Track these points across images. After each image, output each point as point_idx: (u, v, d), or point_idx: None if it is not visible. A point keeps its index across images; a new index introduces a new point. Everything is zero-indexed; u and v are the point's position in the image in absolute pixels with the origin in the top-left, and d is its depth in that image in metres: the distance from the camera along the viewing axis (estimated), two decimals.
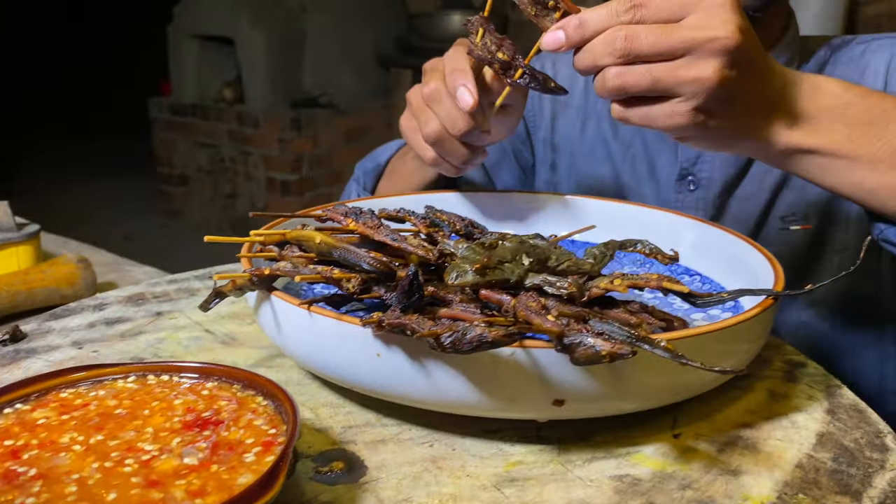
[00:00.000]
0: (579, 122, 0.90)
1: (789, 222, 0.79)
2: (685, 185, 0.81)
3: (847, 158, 0.56)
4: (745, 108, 0.54)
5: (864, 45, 0.78)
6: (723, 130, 0.54)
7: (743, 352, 0.50)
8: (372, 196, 0.89)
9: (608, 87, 0.51)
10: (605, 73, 0.51)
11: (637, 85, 0.50)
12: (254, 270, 0.49)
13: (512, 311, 0.42)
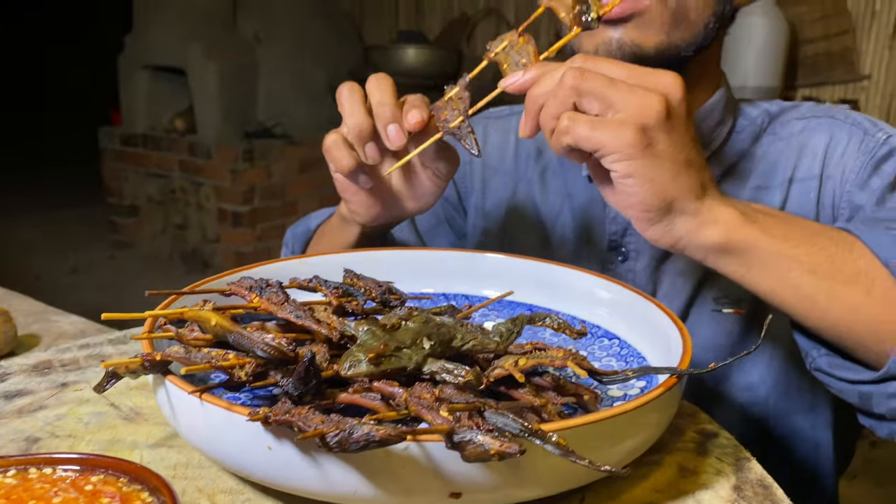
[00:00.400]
0: (510, 189, 0.90)
1: (722, 304, 0.77)
2: (614, 256, 0.81)
3: (785, 256, 0.55)
4: (685, 157, 0.53)
5: (804, 121, 0.78)
6: (665, 164, 0.52)
7: (652, 426, 0.50)
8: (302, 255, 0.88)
9: (565, 84, 0.53)
10: (565, 74, 0.53)
11: (592, 88, 0.52)
12: (145, 356, 0.47)
13: (404, 404, 0.41)
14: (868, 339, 0.56)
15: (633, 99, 0.52)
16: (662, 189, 0.53)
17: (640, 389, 0.57)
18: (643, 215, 0.54)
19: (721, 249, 0.56)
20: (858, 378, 0.57)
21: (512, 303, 0.72)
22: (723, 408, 0.79)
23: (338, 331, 0.48)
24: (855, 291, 0.55)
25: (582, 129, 0.52)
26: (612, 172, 0.53)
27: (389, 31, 4.18)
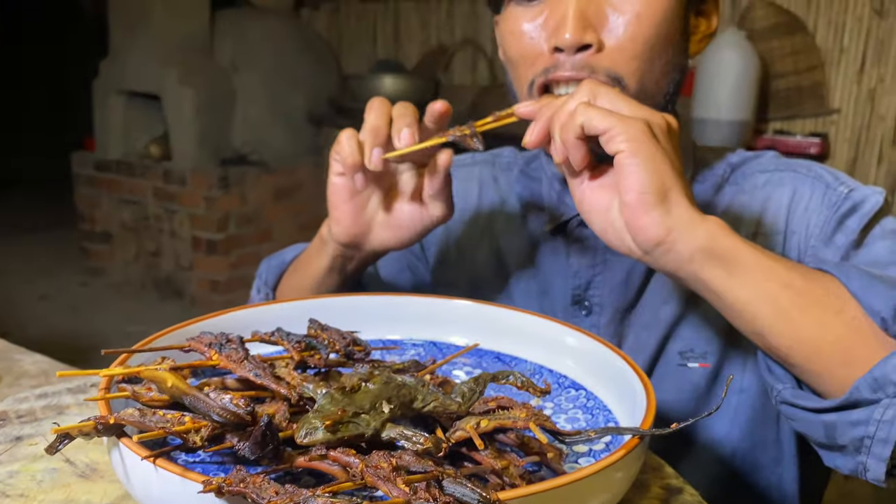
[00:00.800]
0: (473, 238, 0.90)
1: (687, 359, 0.77)
2: (578, 310, 0.81)
3: (764, 267, 0.56)
4: (679, 166, 0.58)
5: (767, 175, 0.78)
6: (666, 157, 0.56)
7: (615, 485, 0.50)
8: (271, 295, 0.88)
9: (582, 90, 0.59)
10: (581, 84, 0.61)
11: (606, 94, 0.59)
12: (99, 419, 0.46)
13: (360, 474, 0.41)
14: (835, 361, 0.56)
15: (640, 110, 0.58)
16: (662, 175, 0.55)
17: (606, 444, 0.57)
18: (642, 197, 0.55)
19: (708, 251, 0.56)
20: (822, 406, 0.57)
21: (479, 350, 0.71)
22: (689, 463, 0.79)
23: (297, 392, 0.48)
24: (826, 309, 0.56)
25: (595, 112, 0.56)
26: (619, 154, 0.56)
27: (367, 59, 4.20)
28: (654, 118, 0.58)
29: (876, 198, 0.72)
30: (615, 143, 0.55)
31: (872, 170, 2.89)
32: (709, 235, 0.56)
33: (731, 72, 2.66)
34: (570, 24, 0.67)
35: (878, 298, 0.55)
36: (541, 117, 0.61)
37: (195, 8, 3.64)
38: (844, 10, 2.85)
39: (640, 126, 0.55)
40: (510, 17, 0.74)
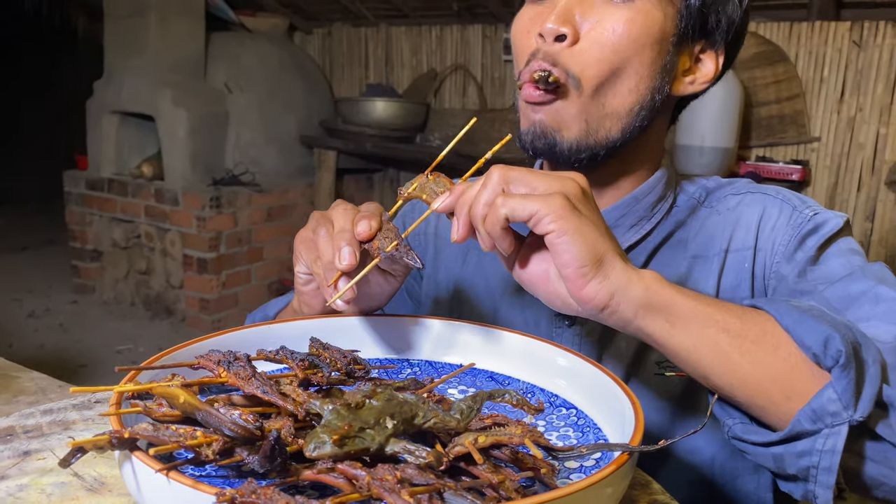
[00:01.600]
0: (460, 259, 0.93)
1: (664, 368, 0.80)
2: (561, 320, 0.84)
3: (702, 314, 0.59)
4: (604, 227, 0.59)
5: (739, 197, 0.83)
6: (591, 224, 0.57)
7: (605, 500, 0.52)
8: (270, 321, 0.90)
9: (493, 178, 0.59)
10: (491, 170, 0.60)
11: (518, 177, 0.59)
12: (113, 433, 0.48)
13: (366, 486, 0.43)
14: (777, 397, 0.59)
15: (552, 182, 0.59)
16: (594, 244, 0.57)
17: (596, 461, 0.59)
18: (580, 271, 0.57)
19: (648, 305, 0.59)
20: (768, 440, 0.60)
21: (474, 370, 0.74)
22: (669, 470, 0.81)
23: (303, 408, 0.50)
24: (763, 349, 0.59)
25: (516, 201, 0.57)
26: (548, 235, 0.57)
27: (359, 83, 4.26)
28: (568, 188, 0.58)
29: (836, 220, 0.76)
30: (542, 225, 0.56)
31: (852, 196, 2.95)
32: (647, 291, 0.59)
33: (714, 100, 2.72)
34: (555, 14, 0.73)
35: (809, 334, 0.57)
36: (460, 212, 0.61)
37: (190, 31, 3.69)
38: (825, 42, 2.92)
39: (560, 202, 0.56)
40: (521, 13, 0.80)
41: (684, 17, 0.75)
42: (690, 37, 0.77)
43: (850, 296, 0.71)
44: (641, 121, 0.77)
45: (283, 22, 4.24)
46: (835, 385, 0.55)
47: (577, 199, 0.58)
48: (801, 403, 0.57)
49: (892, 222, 2.88)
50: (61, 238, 4.20)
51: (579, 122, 0.75)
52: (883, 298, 0.68)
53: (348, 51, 4.29)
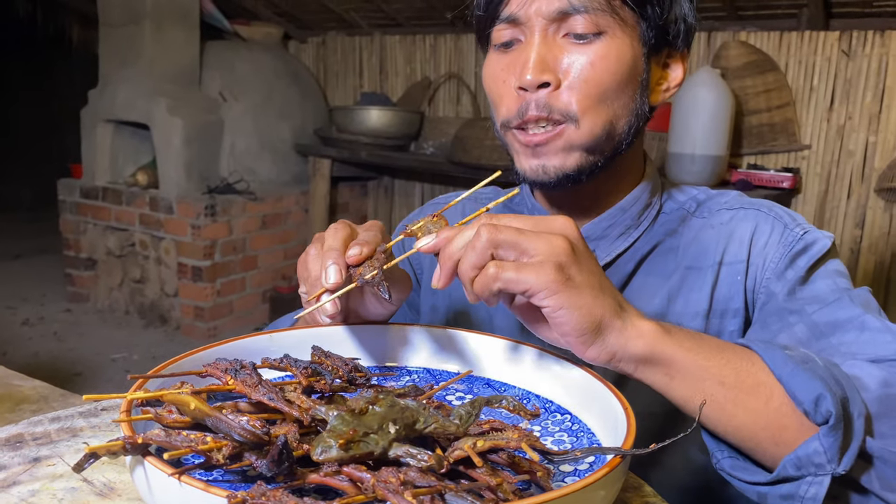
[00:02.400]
0: None
1: None
2: None
3: (699, 367, 0.61)
4: (598, 282, 0.60)
5: (733, 212, 0.85)
6: (585, 291, 0.58)
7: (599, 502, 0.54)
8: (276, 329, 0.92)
9: (482, 238, 0.58)
10: (480, 228, 0.58)
11: (506, 239, 0.58)
12: (127, 439, 0.50)
13: (371, 488, 0.45)
14: (766, 443, 0.63)
15: (540, 243, 0.58)
16: (590, 312, 0.59)
17: (590, 465, 0.61)
18: (580, 339, 0.60)
19: (647, 360, 0.62)
20: (755, 480, 0.64)
21: (471, 377, 0.76)
22: (662, 475, 0.83)
23: (308, 414, 0.52)
24: (756, 400, 0.62)
25: (510, 273, 0.57)
26: (545, 308, 0.58)
27: (353, 92, 4.28)
28: (558, 251, 0.58)
29: (825, 241, 0.80)
30: (537, 300, 0.58)
31: (842, 203, 2.99)
32: (647, 347, 0.61)
33: (705, 108, 2.75)
34: (531, 66, 0.76)
35: (802, 389, 0.60)
36: (444, 263, 0.62)
37: (185, 40, 3.71)
38: (814, 51, 2.97)
39: (551, 276, 0.57)
40: (490, 62, 0.83)
41: (647, 36, 0.78)
42: (657, 49, 0.80)
43: (837, 321, 0.74)
44: (629, 137, 0.81)
45: (277, 31, 4.27)
46: (822, 440, 0.59)
47: (570, 262, 0.58)
48: (788, 450, 0.61)
49: (882, 229, 2.92)
50: (55, 246, 4.21)
51: (580, 153, 0.78)
52: (868, 327, 0.72)
53: (342, 59, 4.32)
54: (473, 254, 0.59)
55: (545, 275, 0.57)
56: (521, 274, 0.57)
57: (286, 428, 0.54)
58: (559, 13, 0.75)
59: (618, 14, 0.75)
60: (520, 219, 0.61)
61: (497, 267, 0.57)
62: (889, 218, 2.90)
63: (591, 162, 0.79)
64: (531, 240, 0.58)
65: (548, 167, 0.79)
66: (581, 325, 0.59)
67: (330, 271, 0.67)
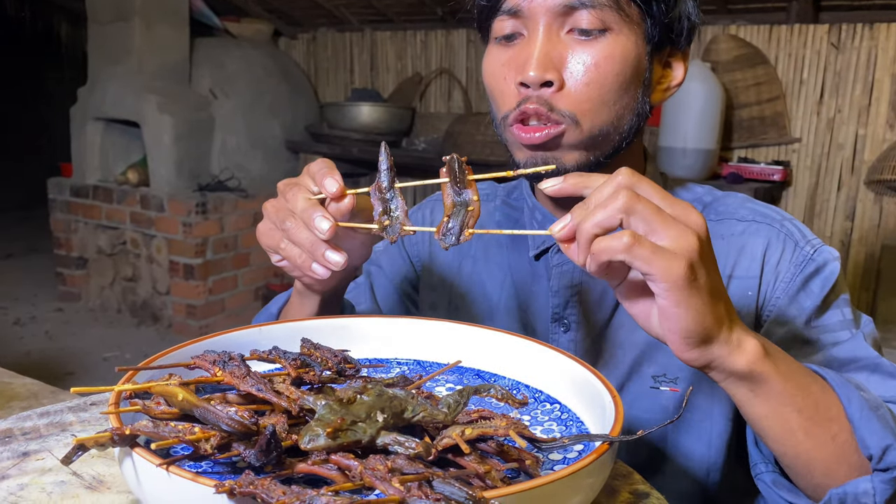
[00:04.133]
0: (455, 264, 0.95)
1: (660, 382, 0.83)
2: (557, 327, 0.87)
3: (786, 394, 0.62)
4: (717, 289, 0.58)
5: (745, 224, 0.84)
6: (705, 296, 0.56)
7: (587, 489, 0.54)
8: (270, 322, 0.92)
9: (619, 200, 0.54)
10: (616, 195, 0.55)
11: (642, 211, 0.54)
12: (115, 430, 0.50)
13: (359, 476, 0.45)
14: (818, 473, 0.65)
15: (675, 232, 0.55)
16: (703, 319, 0.57)
17: (578, 453, 0.62)
18: (684, 341, 0.58)
19: (743, 376, 0.61)
20: (796, 502, 0.67)
21: (461, 368, 0.76)
22: (661, 482, 0.84)
23: (297, 404, 0.52)
24: (825, 433, 0.63)
25: (644, 251, 0.54)
26: (661, 301, 0.56)
27: (344, 88, 4.27)
28: (692, 248, 0.55)
29: (834, 264, 0.80)
30: (658, 289, 0.55)
31: (832, 196, 3.00)
32: (747, 366, 0.60)
33: (696, 102, 2.76)
34: (534, 62, 0.74)
35: (873, 437, 0.62)
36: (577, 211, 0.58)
37: (174, 37, 3.69)
38: (804, 44, 2.98)
39: (680, 273, 0.54)
40: (491, 56, 0.81)
41: (652, 33, 0.77)
42: (660, 48, 0.79)
43: (855, 358, 0.76)
44: (630, 136, 0.80)
45: (267, 27, 4.26)
46: (875, 483, 0.61)
47: (699, 262, 0.55)
48: (835, 483, 0.63)
49: (872, 221, 2.93)
50: (46, 245, 4.19)
51: (580, 151, 0.78)
52: (880, 370, 0.74)
53: (333, 56, 4.31)
54: (604, 213, 0.55)
55: (678, 268, 0.54)
56: (655, 257, 0.54)
57: (275, 419, 0.54)
58: (564, 7, 0.74)
59: (623, 10, 0.74)
60: (658, 192, 0.57)
61: (633, 239, 0.53)
62: (879, 210, 2.92)
63: (590, 161, 0.78)
64: (668, 224, 0.55)
65: (546, 158, 0.78)
66: (690, 329, 0.57)
67: (318, 222, 0.66)
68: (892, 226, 2.89)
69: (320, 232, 0.67)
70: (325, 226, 0.66)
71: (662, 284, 0.54)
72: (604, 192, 0.56)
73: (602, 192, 0.57)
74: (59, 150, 4.12)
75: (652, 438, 0.85)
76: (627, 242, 0.53)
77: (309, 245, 0.68)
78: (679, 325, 0.57)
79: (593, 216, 0.56)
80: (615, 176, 0.57)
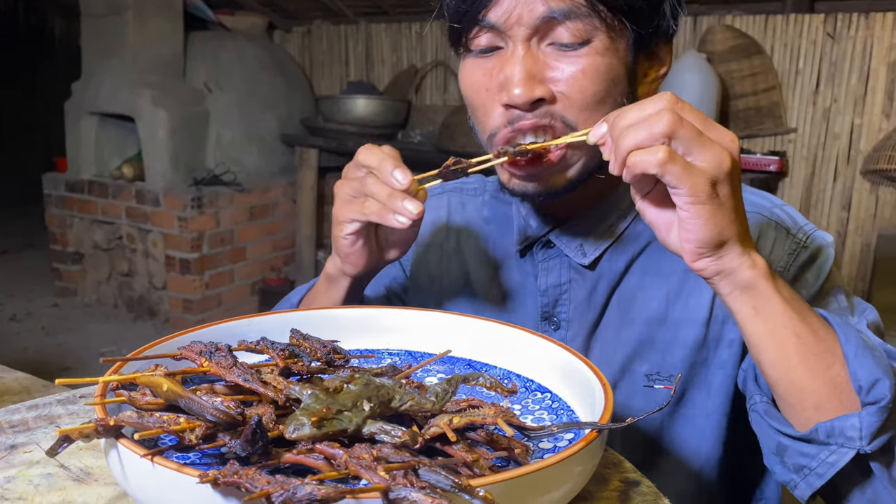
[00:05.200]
0: (443, 263, 0.95)
1: (653, 381, 0.82)
2: (547, 325, 0.86)
3: (787, 315, 0.63)
4: (737, 206, 0.61)
5: None
6: (725, 211, 0.60)
7: (575, 477, 0.54)
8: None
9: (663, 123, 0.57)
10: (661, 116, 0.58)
11: (683, 135, 0.58)
12: (99, 421, 0.49)
13: (344, 464, 0.45)
14: (809, 404, 0.65)
15: (711, 154, 0.58)
16: (721, 231, 0.60)
17: (569, 441, 0.61)
18: (698, 249, 0.61)
19: (748, 287, 0.63)
20: (784, 430, 0.67)
21: (452, 358, 0.76)
22: (657, 479, 0.84)
23: (283, 394, 0.52)
24: (819, 363, 0.64)
25: (676, 168, 0.57)
26: (683, 212, 0.60)
27: (339, 81, 4.26)
28: (722, 165, 0.58)
29: (828, 250, 0.81)
30: (681, 201, 0.59)
31: (829, 186, 3.00)
32: (754, 278, 0.63)
33: (692, 93, 2.75)
34: (518, 81, 0.71)
35: (864, 370, 0.62)
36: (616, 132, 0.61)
37: (168, 31, 3.67)
38: (799, 34, 2.97)
39: (703, 187, 0.58)
40: (468, 69, 0.78)
41: (636, 31, 0.74)
42: (646, 44, 0.77)
43: None
44: None
45: (262, 21, 4.24)
46: (862, 418, 0.62)
47: (725, 181, 0.59)
48: (825, 417, 0.64)
49: (868, 211, 2.93)
50: (41, 241, 4.18)
51: (582, 161, 0.76)
52: None
53: (328, 48, 4.29)
54: (646, 134, 0.58)
55: (702, 184, 0.58)
56: (686, 174, 0.57)
57: (262, 409, 0.54)
58: (542, 20, 0.71)
59: (604, 20, 0.71)
60: (699, 116, 0.60)
61: (668, 155, 0.57)
62: (875, 200, 2.92)
63: (588, 170, 0.77)
64: (705, 146, 0.58)
65: (537, 189, 0.77)
66: (706, 239, 0.60)
67: (397, 174, 0.70)
68: (887, 215, 2.89)
69: (398, 183, 0.70)
70: (401, 177, 0.70)
71: (688, 198, 0.58)
72: (647, 110, 0.59)
73: (644, 109, 0.59)
74: (53, 146, 4.11)
75: (648, 434, 0.84)
76: (661, 159, 0.57)
77: (386, 197, 0.71)
78: (696, 234, 0.60)
79: (636, 134, 0.58)
80: (659, 97, 0.59)
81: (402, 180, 0.70)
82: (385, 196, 0.70)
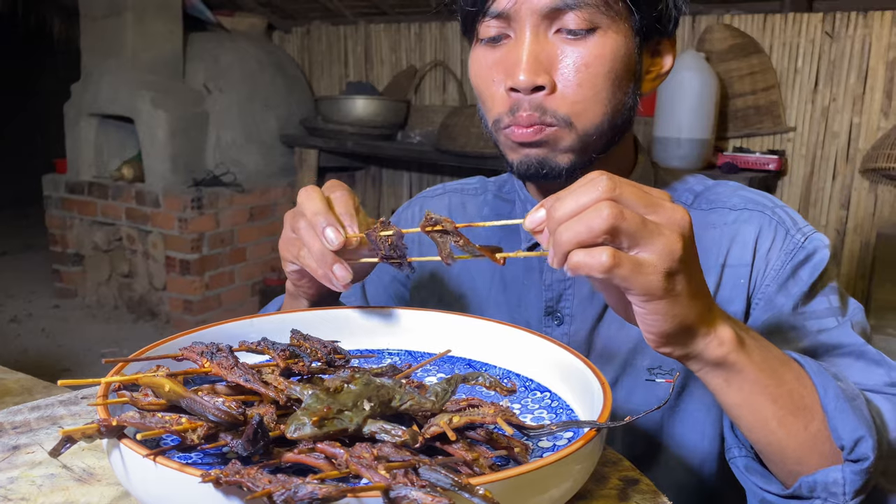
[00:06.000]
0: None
1: (655, 374, 0.83)
2: (550, 320, 0.87)
3: (759, 384, 0.62)
4: (697, 289, 0.58)
5: (737, 213, 0.84)
6: (684, 300, 0.56)
7: (575, 476, 0.55)
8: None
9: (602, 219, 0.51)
10: (599, 210, 0.52)
11: (627, 229, 0.52)
12: (102, 422, 0.50)
13: (345, 464, 0.45)
14: (790, 460, 0.65)
15: (658, 243, 0.53)
16: (682, 321, 0.57)
17: (568, 440, 0.62)
18: (662, 340, 0.58)
19: (717, 365, 0.61)
20: (768, 488, 0.67)
21: (452, 358, 0.76)
22: (658, 473, 0.84)
23: (284, 394, 0.52)
24: (798, 422, 0.63)
25: (623, 271, 0.52)
26: (638, 308, 0.56)
27: (339, 81, 4.26)
28: (673, 252, 0.53)
29: (824, 252, 0.80)
30: (635, 300, 0.55)
31: (827, 185, 3.00)
32: (723, 356, 0.60)
33: (691, 92, 2.76)
34: (524, 66, 0.73)
35: (845, 426, 0.62)
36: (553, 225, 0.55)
37: (167, 32, 3.68)
38: (798, 33, 2.97)
39: (660, 284, 0.54)
40: (477, 57, 0.80)
41: (640, 28, 0.76)
42: (648, 38, 0.78)
43: (840, 344, 0.76)
44: (622, 129, 0.80)
45: (261, 21, 4.24)
46: (845, 474, 0.62)
47: (679, 269, 0.54)
48: (807, 471, 0.64)
49: (867, 210, 2.93)
50: (41, 242, 4.19)
51: (574, 150, 0.77)
52: (864, 356, 0.75)
53: (327, 49, 4.30)
54: (585, 229, 0.52)
55: (655, 281, 0.53)
56: (634, 275, 0.53)
57: (263, 409, 0.54)
58: (550, 9, 0.73)
59: (611, 8, 0.73)
60: (641, 198, 0.54)
61: (612, 260, 0.52)
62: (874, 198, 2.92)
63: (583, 159, 0.78)
64: (652, 235, 0.53)
65: (539, 156, 0.77)
66: (667, 331, 0.57)
67: (328, 234, 0.67)
68: (886, 214, 2.90)
69: (329, 243, 0.67)
70: (333, 236, 0.67)
71: (641, 297, 0.55)
72: (581, 200, 0.53)
73: (579, 198, 0.53)
74: (53, 147, 4.11)
75: (647, 430, 0.85)
76: (606, 263, 0.52)
77: (318, 255, 0.69)
78: (656, 328, 0.57)
79: (575, 228, 0.53)
80: (595, 183, 0.53)
81: (332, 240, 0.67)
82: (317, 253, 0.68)
